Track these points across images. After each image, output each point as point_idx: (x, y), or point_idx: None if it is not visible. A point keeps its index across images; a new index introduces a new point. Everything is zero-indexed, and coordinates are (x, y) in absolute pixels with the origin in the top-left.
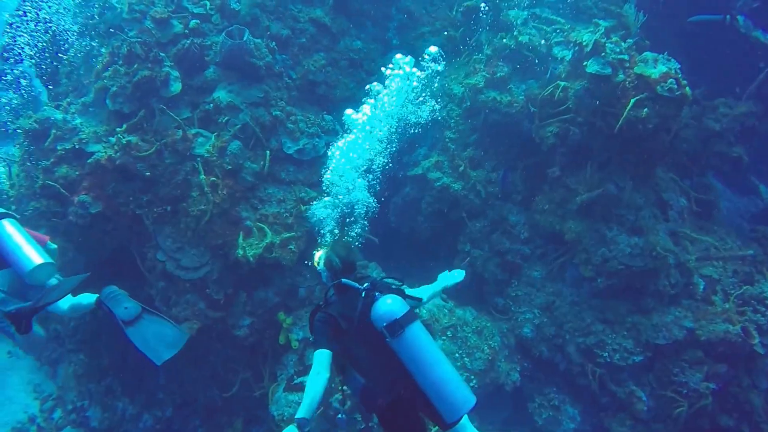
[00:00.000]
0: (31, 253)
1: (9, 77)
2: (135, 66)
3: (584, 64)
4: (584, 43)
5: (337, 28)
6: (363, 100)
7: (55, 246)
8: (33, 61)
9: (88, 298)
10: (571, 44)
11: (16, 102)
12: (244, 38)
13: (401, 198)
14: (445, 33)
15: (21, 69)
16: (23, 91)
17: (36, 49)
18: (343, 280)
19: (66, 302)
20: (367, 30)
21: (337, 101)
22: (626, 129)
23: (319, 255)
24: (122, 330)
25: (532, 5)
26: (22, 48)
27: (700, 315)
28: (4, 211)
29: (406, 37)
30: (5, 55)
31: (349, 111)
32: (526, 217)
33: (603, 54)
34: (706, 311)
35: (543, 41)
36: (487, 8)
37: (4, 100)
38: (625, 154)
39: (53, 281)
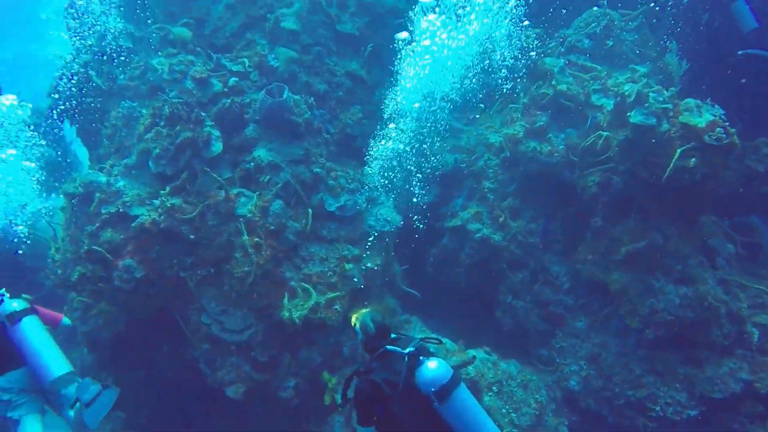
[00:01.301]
0: (54, 362)
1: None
2: (177, 128)
3: (627, 114)
4: (626, 93)
5: (372, 80)
6: None
7: (69, 322)
8: (76, 121)
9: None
10: (610, 92)
11: (51, 157)
12: (284, 96)
13: (439, 249)
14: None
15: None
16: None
17: (78, 109)
18: (388, 347)
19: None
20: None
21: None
22: (672, 178)
23: (356, 317)
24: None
25: (567, 52)
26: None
27: (757, 366)
28: (23, 305)
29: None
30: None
31: None
32: (568, 267)
33: (646, 104)
34: (763, 362)
35: (581, 89)
36: (523, 57)
37: (46, 155)
38: (670, 202)
39: (71, 388)
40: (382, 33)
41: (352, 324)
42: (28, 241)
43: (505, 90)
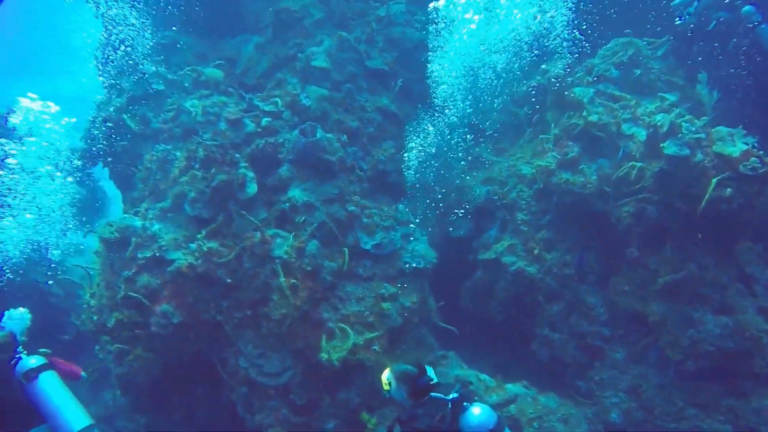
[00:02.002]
0: (73, 417)
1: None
2: (212, 170)
3: (661, 145)
4: (659, 124)
5: (403, 114)
6: None
7: (86, 376)
8: (110, 164)
9: None
10: (640, 121)
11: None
12: (317, 135)
13: (473, 282)
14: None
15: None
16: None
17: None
18: (432, 394)
19: None
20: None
21: (406, 188)
22: (708, 209)
23: (386, 375)
24: None
25: (596, 81)
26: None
27: None
28: (41, 361)
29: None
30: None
31: None
32: (604, 298)
33: (679, 134)
34: None
35: (611, 119)
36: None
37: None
38: (705, 231)
39: None
40: (410, 67)
41: (386, 387)
42: (59, 272)
43: (534, 119)
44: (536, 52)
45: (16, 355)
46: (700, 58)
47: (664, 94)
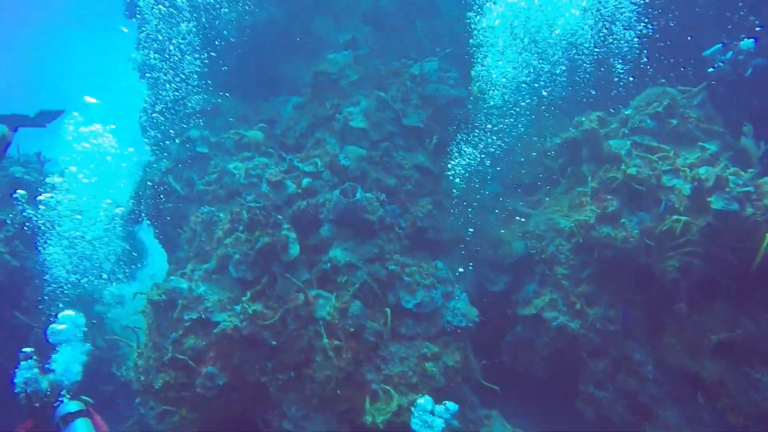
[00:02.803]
0: None
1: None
2: (256, 233)
3: (708, 200)
4: (704, 178)
5: (438, 170)
6: None
7: None
8: (155, 226)
9: None
10: (681, 172)
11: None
12: (357, 196)
13: (514, 338)
14: (543, 164)
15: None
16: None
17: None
18: None
19: None
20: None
21: (444, 244)
22: (762, 263)
23: None
24: None
25: (631, 133)
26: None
27: None
28: (79, 407)
29: (502, 167)
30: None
31: None
32: (652, 355)
33: (726, 188)
34: None
35: (651, 171)
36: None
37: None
38: (759, 286)
39: None
40: (445, 123)
41: None
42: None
43: (569, 171)
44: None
45: (60, 398)
46: (737, 106)
47: (703, 144)
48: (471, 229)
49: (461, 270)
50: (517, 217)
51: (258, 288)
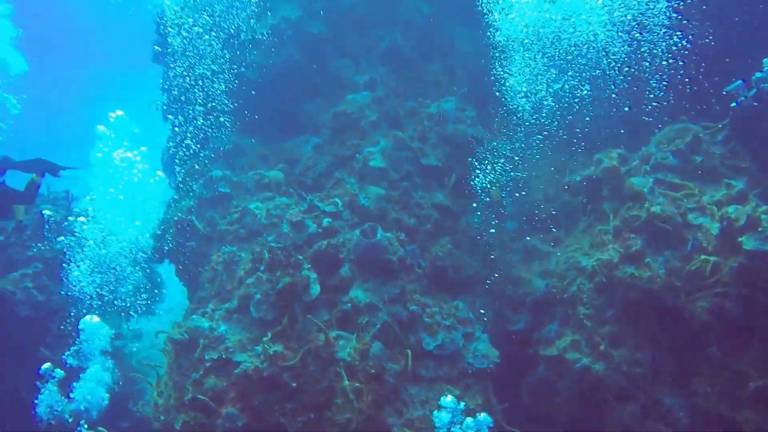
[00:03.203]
0: None
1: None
2: (278, 273)
3: (739, 240)
4: (734, 217)
5: (457, 209)
6: None
7: None
8: (177, 264)
9: None
10: (707, 210)
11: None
12: (378, 236)
13: (535, 379)
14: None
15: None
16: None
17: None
18: None
19: None
20: (482, 202)
21: (463, 283)
22: None
23: None
24: None
25: (654, 170)
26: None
27: None
28: None
29: (522, 205)
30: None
31: None
32: (684, 401)
33: (759, 228)
34: None
35: (675, 209)
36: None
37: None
38: None
39: None
40: (463, 162)
41: None
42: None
43: (588, 208)
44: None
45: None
46: (764, 140)
47: (729, 180)
48: (490, 268)
49: (482, 311)
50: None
51: (279, 329)
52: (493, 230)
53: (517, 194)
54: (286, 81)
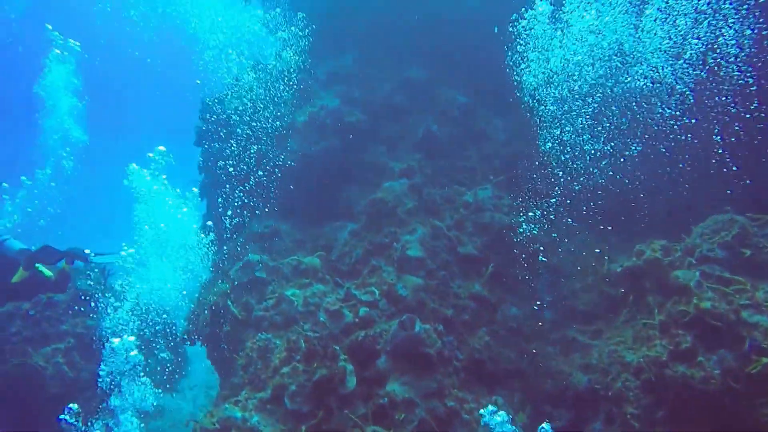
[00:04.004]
0: None
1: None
2: (314, 364)
3: None
4: None
5: (495, 299)
6: None
7: None
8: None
9: None
10: (764, 308)
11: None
12: (416, 329)
13: None
14: (601, 291)
15: None
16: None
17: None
18: None
19: None
20: (520, 293)
21: (501, 376)
22: None
23: None
24: None
25: (699, 263)
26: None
27: None
28: None
29: (558, 294)
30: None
31: None
32: None
33: None
34: None
35: (727, 306)
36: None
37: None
38: None
39: None
40: (500, 251)
41: None
42: None
43: (630, 299)
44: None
45: None
46: None
47: None
48: (528, 361)
49: (522, 413)
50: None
51: (314, 422)
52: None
53: (554, 283)
54: (323, 167)
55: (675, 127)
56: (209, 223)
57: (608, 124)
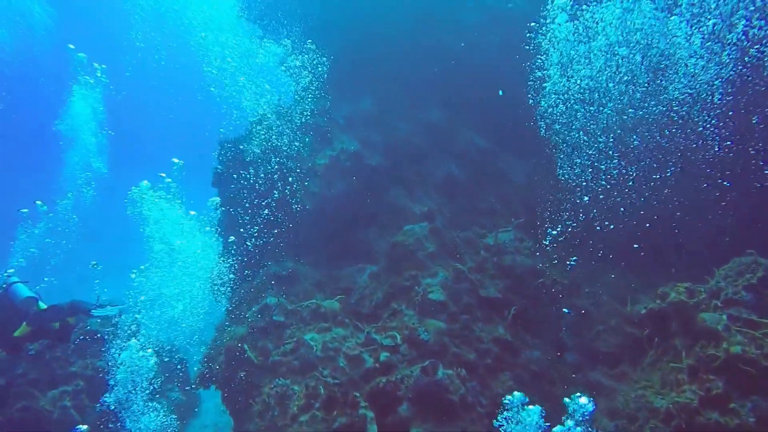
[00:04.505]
0: None
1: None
2: (334, 412)
3: None
4: None
5: (518, 343)
6: None
7: None
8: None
9: None
10: None
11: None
12: (439, 375)
13: None
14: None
15: None
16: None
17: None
18: None
19: None
20: (543, 334)
21: None
22: None
23: None
24: None
25: (725, 306)
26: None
27: None
28: None
29: (581, 336)
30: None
31: None
32: None
33: None
34: None
35: (757, 351)
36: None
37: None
38: None
39: None
40: (523, 293)
41: None
42: None
43: (656, 341)
44: None
45: None
46: None
47: None
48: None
49: None
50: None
51: None
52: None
53: (577, 325)
54: (343, 209)
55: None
56: (226, 262)
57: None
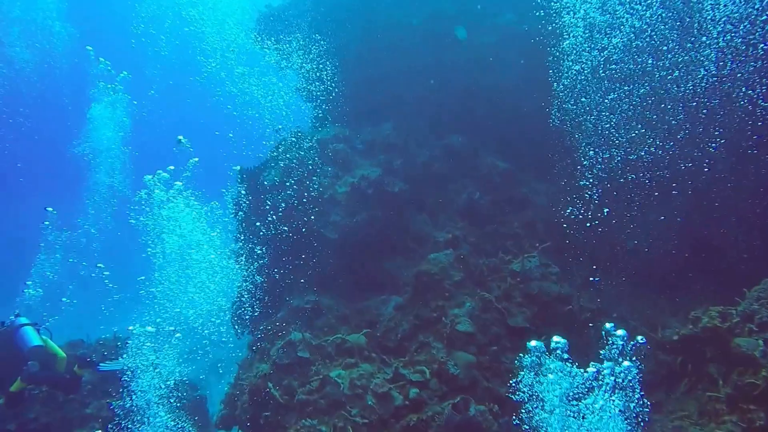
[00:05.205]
0: None
1: None
2: None
3: None
4: None
5: None
6: None
7: None
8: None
9: None
10: None
11: None
12: (471, 411)
13: None
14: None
15: None
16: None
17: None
18: None
19: None
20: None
21: None
22: None
23: None
24: None
25: (761, 330)
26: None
27: None
28: None
29: None
30: None
31: None
32: None
33: None
34: None
35: None
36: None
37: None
38: None
39: None
40: (552, 323)
41: None
42: None
43: (689, 368)
44: None
45: None
46: None
47: None
48: None
49: None
50: None
51: None
52: None
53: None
54: (365, 238)
55: None
56: (244, 295)
57: None
